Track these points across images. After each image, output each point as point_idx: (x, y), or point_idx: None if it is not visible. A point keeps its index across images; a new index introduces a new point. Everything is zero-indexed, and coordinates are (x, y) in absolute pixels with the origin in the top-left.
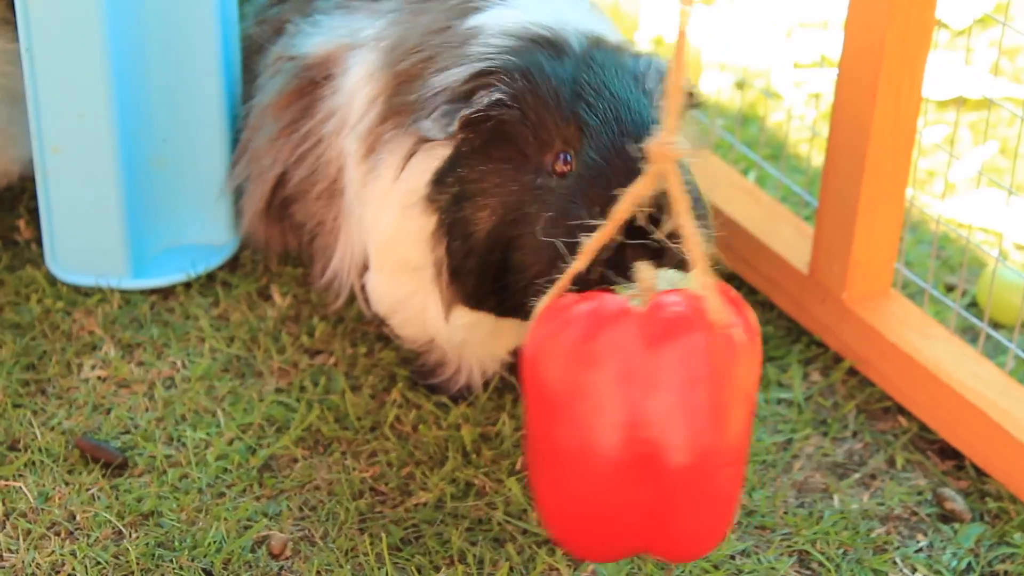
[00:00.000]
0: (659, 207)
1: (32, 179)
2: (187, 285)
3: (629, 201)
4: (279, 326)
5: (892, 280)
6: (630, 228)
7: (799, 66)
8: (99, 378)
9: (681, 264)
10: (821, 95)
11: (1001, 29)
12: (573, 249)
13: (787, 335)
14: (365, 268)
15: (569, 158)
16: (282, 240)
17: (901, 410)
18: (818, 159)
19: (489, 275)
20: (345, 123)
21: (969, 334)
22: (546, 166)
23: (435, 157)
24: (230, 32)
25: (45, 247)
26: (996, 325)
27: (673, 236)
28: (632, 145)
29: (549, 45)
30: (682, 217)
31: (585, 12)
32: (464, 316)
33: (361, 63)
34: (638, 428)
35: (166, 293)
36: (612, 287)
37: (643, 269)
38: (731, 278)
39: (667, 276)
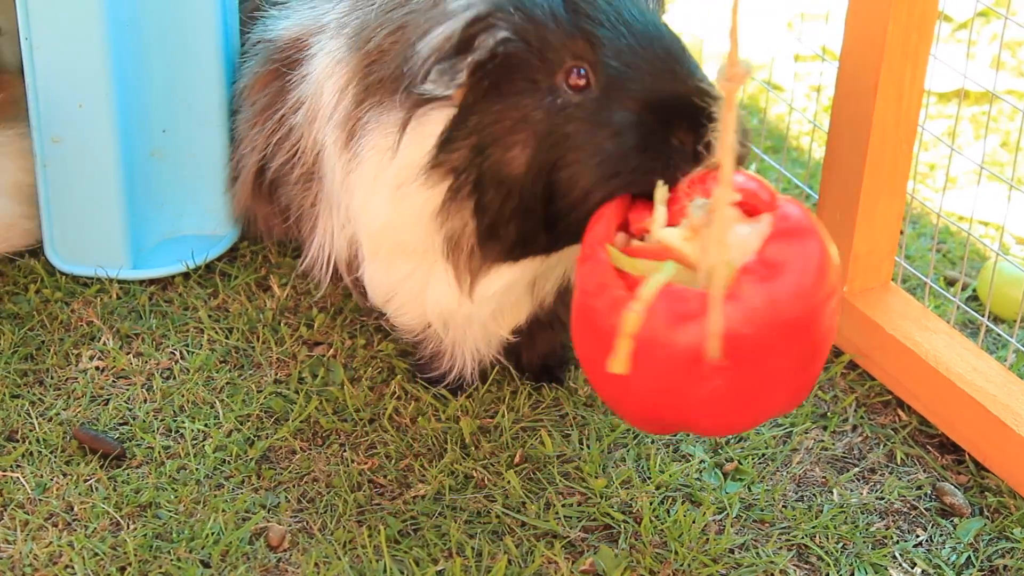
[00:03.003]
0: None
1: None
2: (186, 276)
3: (729, 130)
4: (278, 317)
5: (892, 273)
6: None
7: (800, 58)
8: (97, 369)
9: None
10: (822, 88)
11: (1003, 22)
12: (620, 157)
13: None
14: (350, 260)
15: (583, 71)
16: (273, 223)
17: (901, 404)
18: (819, 152)
19: (536, 211)
20: (316, 114)
21: (969, 328)
22: (559, 85)
23: (433, 121)
24: (230, 24)
25: (44, 237)
26: (996, 319)
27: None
28: (648, 44)
29: None
30: (728, 134)
31: None
32: (494, 282)
33: (325, 51)
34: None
35: (165, 284)
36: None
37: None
38: None
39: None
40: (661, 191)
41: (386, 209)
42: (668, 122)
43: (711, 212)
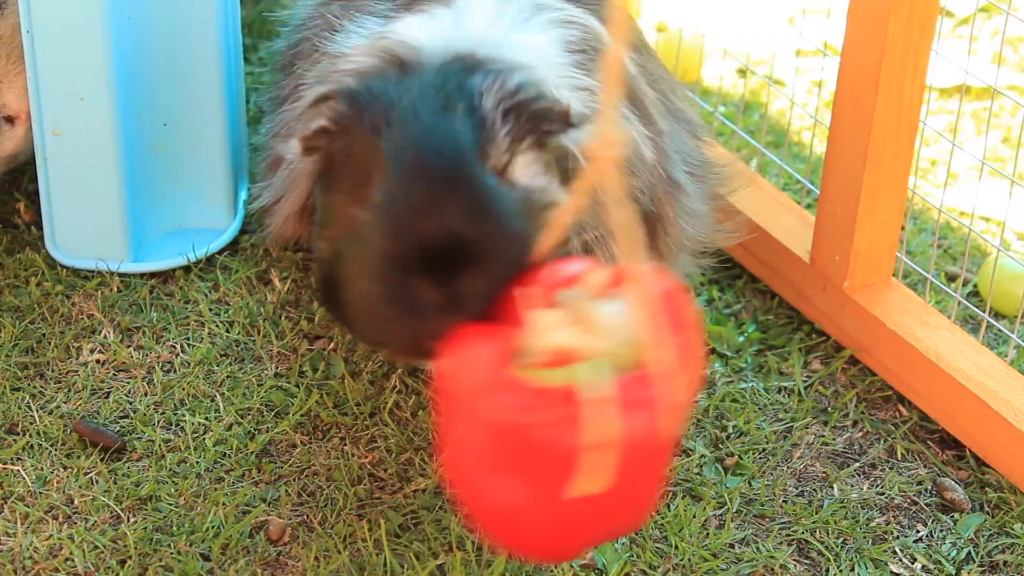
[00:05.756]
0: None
1: (32, 162)
2: (187, 269)
3: (567, 211)
4: (279, 311)
5: (893, 269)
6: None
7: (802, 53)
8: (98, 362)
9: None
10: (824, 83)
11: (1005, 18)
12: (384, 291)
13: (788, 323)
14: None
15: (373, 189)
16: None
17: (901, 399)
18: (820, 147)
19: (333, 299)
20: None
21: (970, 324)
22: (365, 198)
23: None
24: (231, 17)
25: (45, 230)
26: (997, 315)
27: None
28: (421, 171)
29: (400, 65)
30: (619, 233)
31: (511, 23)
32: None
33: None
34: None
35: (165, 277)
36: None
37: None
38: (732, 265)
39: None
40: (533, 297)
41: None
42: (418, 271)
43: (588, 297)
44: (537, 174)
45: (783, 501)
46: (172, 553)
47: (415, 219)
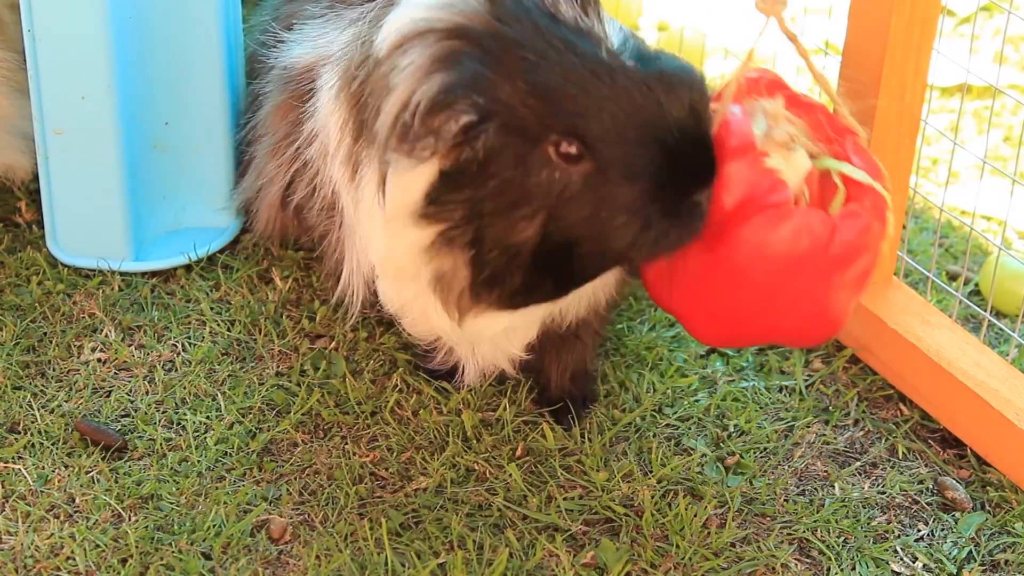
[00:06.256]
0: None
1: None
2: (188, 268)
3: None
4: (280, 310)
5: (895, 268)
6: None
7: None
8: (99, 361)
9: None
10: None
11: (1006, 17)
12: (638, 238)
13: None
14: (369, 280)
15: (572, 142)
16: (301, 236)
17: (903, 398)
18: None
19: (549, 267)
20: (327, 149)
21: (971, 323)
22: (551, 158)
23: (417, 175)
24: (232, 16)
25: (46, 229)
26: (998, 314)
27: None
28: (622, 103)
29: (464, 33)
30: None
31: None
32: (489, 325)
33: (329, 83)
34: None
35: (167, 276)
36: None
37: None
38: None
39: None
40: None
41: (381, 240)
42: (683, 184)
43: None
44: (614, 30)
45: (784, 500)
46: (173, 552)
47: (653, 140)
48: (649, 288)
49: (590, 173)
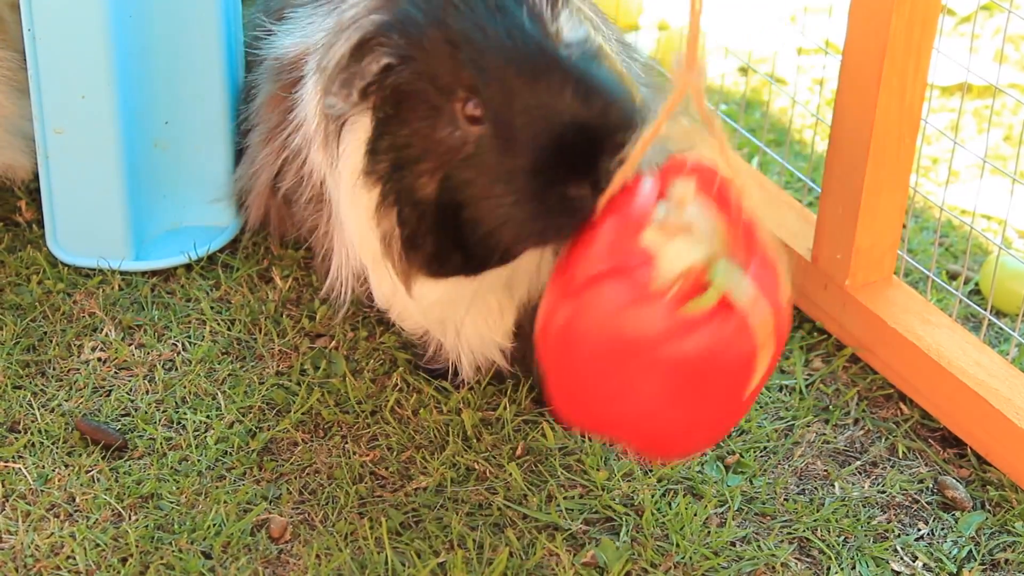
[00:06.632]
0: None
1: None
2: (188, 267)
3: (661, 120)
4: (280, 309)
5: (895, 267)
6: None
7: (803, 52)
8: (99, 360)
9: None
10: (825, 81)
11: (1006, 16)
12: (519, 219)
13: None
14: (360, 274)
15: (476, 103)
16: (290, 228)
17: (903, 398)
18: (822, 145)
19: (447, 234)
20: (310, 135)
21: (972, 322)
22: (457, 114)
23: (361, 128)
24: (232, 15)
25: (46, 228)
26: (999, 313)
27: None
28: (531, 77)
29: None
30: (715, 133)
31: None
32: (431, 291)
33: (311, 69)
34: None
35: (167, 275)
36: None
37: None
38: None
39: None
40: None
41: (347, 210)
42: (562, 173)
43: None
44: (575, 25)
45: (784, 499)
46: (173, 551)
47: (548, 120)
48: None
49: (483, 137)
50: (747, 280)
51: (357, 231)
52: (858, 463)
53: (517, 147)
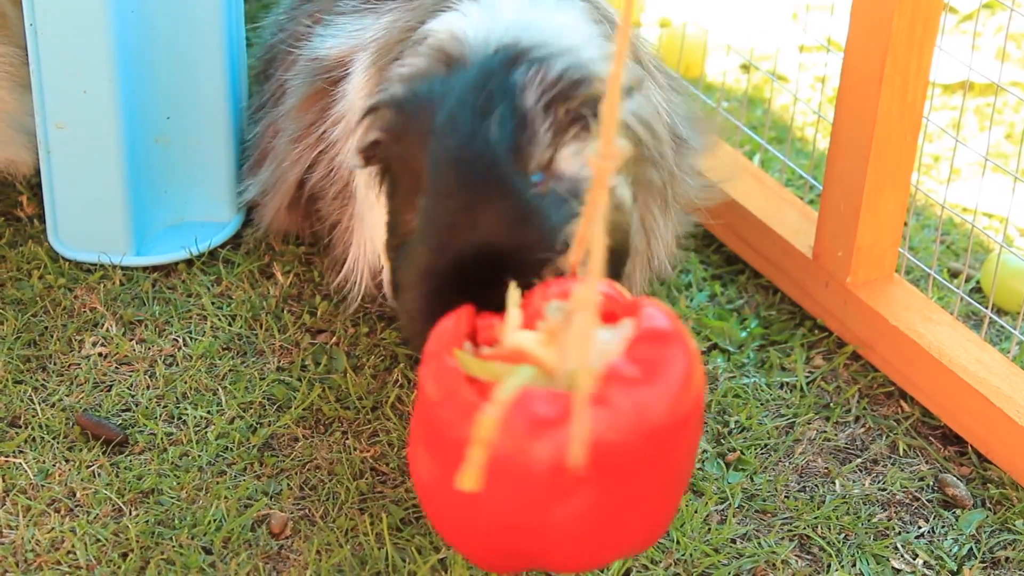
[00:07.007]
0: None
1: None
2: (189, 263)
3: (586, 221)
4: (281, 304)
5: (896, 265)
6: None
7: (805, 49)
8: (100, 355)
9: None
10: (827, 79)
11: (1008, 14)
12: (423, 302)
13: (790, 319)
14: (376, 272)
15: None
16: (306, 228)
17: (904, 395)
18: (823, 143)
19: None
20: (350, 126)
21: (973, 320)
22: (416, 202)
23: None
24: (234, 9)
25: (47, 223)
26: (1000, 311)
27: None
28: (457, 185)
29: (447, 62)
30: (594, 226)
31: (544, 4)
32: None
33: (360, 67)
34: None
35: (168, 270)
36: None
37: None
38: (734, 260)
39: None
40: (514, 294)
41: (369, 205)
42: (454, 296)
43: (571, 313)
44: (577, 160)
45: (785, 496)
46: (174, 546)
47: (450, 236)
48: None
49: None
50: (515, 401)
51: (377, 226)
52: (859, 460)
53: (429, 250)
